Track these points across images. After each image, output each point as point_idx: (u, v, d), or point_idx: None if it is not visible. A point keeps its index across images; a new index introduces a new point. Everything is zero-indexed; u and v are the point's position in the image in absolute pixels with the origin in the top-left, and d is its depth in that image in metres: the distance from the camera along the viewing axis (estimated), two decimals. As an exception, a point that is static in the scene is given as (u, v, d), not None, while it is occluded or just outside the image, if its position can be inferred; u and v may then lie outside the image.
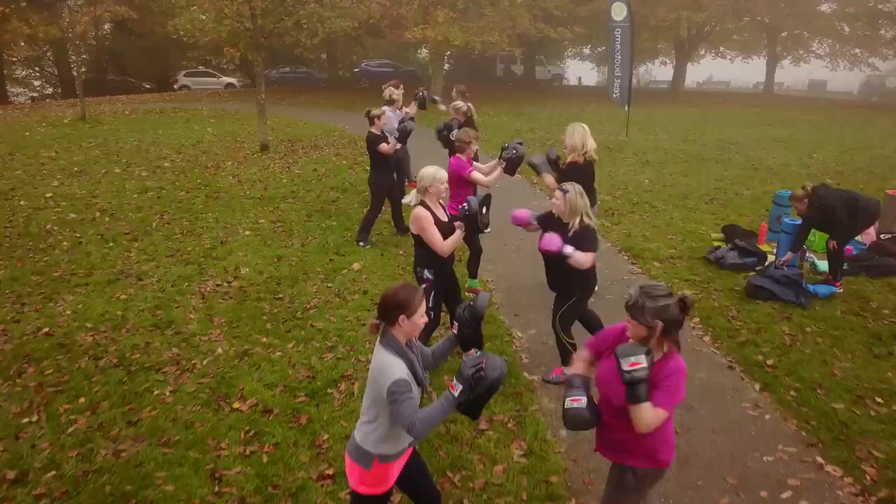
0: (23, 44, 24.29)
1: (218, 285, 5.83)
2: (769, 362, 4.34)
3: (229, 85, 31.49)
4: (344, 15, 13.42)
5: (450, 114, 6.90)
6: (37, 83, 36.04)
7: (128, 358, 4.53)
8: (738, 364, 4.38)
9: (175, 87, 30.38)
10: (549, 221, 3.98)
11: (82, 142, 13.27)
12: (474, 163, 5.27)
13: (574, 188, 3.78)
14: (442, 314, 4.36)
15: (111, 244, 6.95)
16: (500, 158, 4.94)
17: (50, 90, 34.54)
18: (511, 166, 4.89)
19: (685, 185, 9.25)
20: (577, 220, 3.75)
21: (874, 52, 28.45)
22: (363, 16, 16.04)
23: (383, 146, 6.47)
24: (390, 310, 2.23)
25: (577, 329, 4.10)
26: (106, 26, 32.91)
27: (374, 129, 6.57)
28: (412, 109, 8.64)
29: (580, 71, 45.64)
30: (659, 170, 10.28)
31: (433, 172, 3.82)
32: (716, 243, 6.71)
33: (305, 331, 4.89)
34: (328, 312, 5.21)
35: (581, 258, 3.69)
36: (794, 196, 5.44)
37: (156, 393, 4.09)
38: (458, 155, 5.09)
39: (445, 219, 3.95)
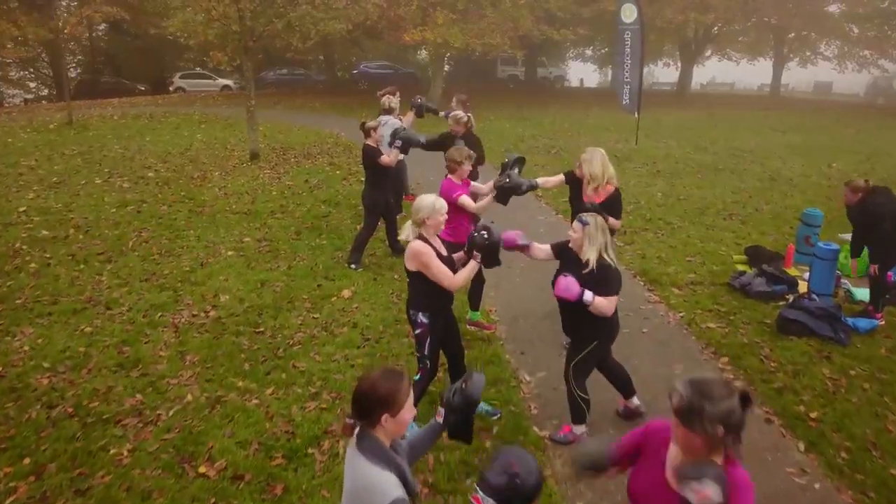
0: (10, 45, 23.80)
1: (194, 315, 5.34)
2: (812, 415, 3.85)
3: (225, 87, 31.04)
4: (338, 17, 12.95)
5: (449, 125, 6.41)
6: (32, 85, 35.85)
7: (85, 406, 4.04)
8: (776, 416, 3.89)
9: (170, 89, 29.96)
10: (563, 253, 3.50)
11: (65, 149, 12.79)
12: (473, 184, 4.78)
13: (595, 221, 3.30)
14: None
15: (82, 266, 6.46)
16: (493, 185, 4.44)
17: (46, 91, 34.36)
18: (503, 195, 4.38)
19: (700, 199, 8.77)
20: (595, 258, 3.27)
21: (884, 54, 28.10)
22: (359, 17, 15.58)
23: (384, 158, 6.00)
24: (370, 407, 1.74)
25: (599, 382, 3.62)
26: (101, 27, 32.67)
27: (370, 142, 6.10)
28: (409, 119, 8.16)
29: (582, 72, 45.33)
30: (671, 181, 9.80)
31: (431, 203, 3.34)
32: (739, 266, 6.22)
33: (287, 373, 4.40)
34: (313, 349, 4.72)
35: (603, 305, 3.21)
36: (851, 185, 4.93)
37: (112, 452, 3.60)
38: (449, 176, 4.61)
39: (445, 253, 3.47)
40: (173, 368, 4.49)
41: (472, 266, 3.32)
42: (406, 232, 3.40)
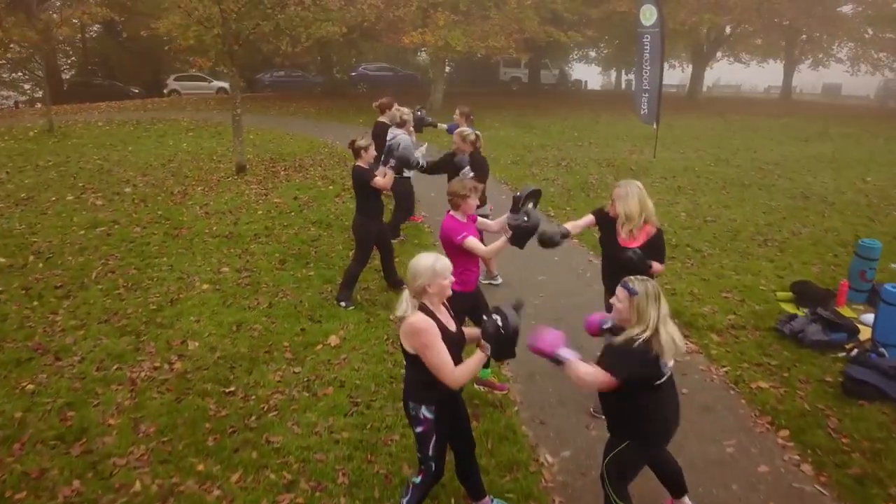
0: (-2, 47, 23.18)
1: (156, 368, 4.65)
2: (908, 518, 3.14)
3: (221, 89, 30.49)
4: (331, 19, 12.29)
5: (453, 142, 5.72)
6: (27, 86, 35.56)
7: (8, 501, 3.34)
8: (861, 519, 3.19)
9: (164, 91, 29.37)
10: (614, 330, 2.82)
11: (41, 160, 12.15)
12: (480, 219, 4.09)
13: (646, 289, 2.61)
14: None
15: (36, 303, 5.77)
16: (507, 227, 3.74)
17: (40, 93, 33.99)
18: (520, 238, 3.68)
19: (729, 220, 8.07)
20: (644, 335, 2.58)
21: (898, 57, 27.53)
22: (355, 20, 14.92)
23: (377, 180, 5.31)
24: None
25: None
26: (95, 28, 32.20)
27: (360, 163, 5.41)
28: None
29: (585, 74, 44.68)
30: (694, 199, 9.10)
31: (430, 265, 2.65)
32: (784, 306, 5.52)
33: (258, 450, 3.70)
34: (291, 417, 4.02)
35: (584, 373, 2.56)
36: None
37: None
38: (451, 213, 3.91)
39: (454, 327, 2.78)
40: (123, 443, 3.79)
41: (479, 359, 2.62)
42: (403, 306, 2.69)
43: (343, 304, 5.59)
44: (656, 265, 3.70)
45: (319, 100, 24.87)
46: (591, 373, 2.60)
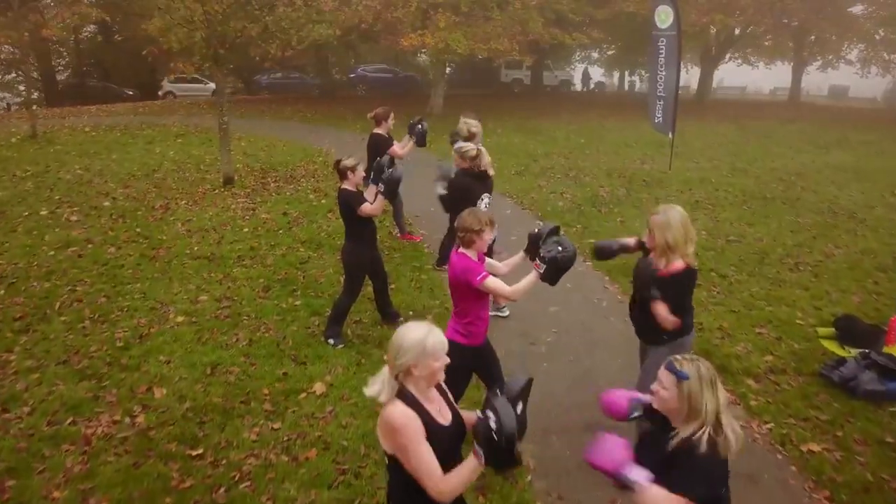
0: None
1: (115, 422, 4.11)
2: None
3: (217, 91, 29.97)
4: (325, 21, 11.76)
5: (454, 160, 5.18)
6: (22, 87, 35.33)
7: None
8: None
9: (159, 93, 28.89)
10: (648, 414, 2.29)
11: (19, 169, 11.62)
12: (488, 261, 3.54)
13: (699, 369, 2.07)
14: None
15: (-11, 339, 5.23)
16: (536, 260, 3.20)
17: (36, 94, 33.85)
18: (555, 271, 3.15)
19: (754, 240, 7.52)
20: (704, 434, 2.04)
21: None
22: (350, 21, 14.41)
23: (365, 207, 4.77)
24: None
25: None
26: (90, 28, 31.83)
27: (347, 185, 4.88)
28: (408, 148, 6.98)
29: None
30: (713, 214, 8.55)
31: (421, 338, 2.10)
32: (826, 343, 4.98)
33: (225, 536, 3.16)
34: (266, 490, 3.48)
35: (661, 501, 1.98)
36: None
37: None
38: (462, 251, 3.36)
39: (448, 418, 2.22)
40: (66, 523, 3.25)
41: (471, 469, 2.05)
42: (376, 388, 2.14)
43: (331, 341, 5.05)
44: (662, 311, 3.17)
45: (316, 103, 24.37)
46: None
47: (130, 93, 30.15)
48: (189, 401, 4.33)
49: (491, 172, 5.37)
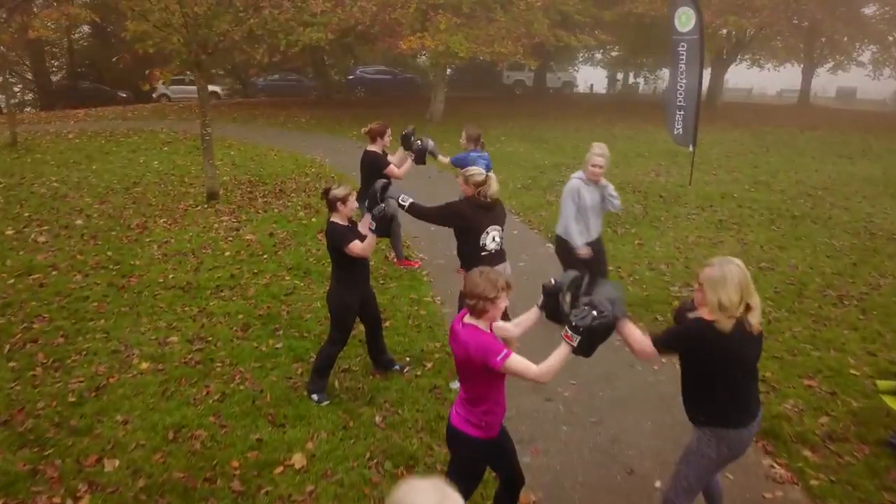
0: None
1: (53, 506, 3.48)
2: None
3: (213, 94, 29.61)
4: (316, 23, 11.15)
5: (460, 185, 4.53)
6: (17, 89, 35.11)
7: None
8: None
9: (154, 95, 28.36)
10: None
11: (-9, 181, 11.04)
12: (499, 325, 2.90)
13: None
14: None
15: (-77, 392, 4.62)
16: (567, 330, 2.56)
17: (31, 96, 33.56)
18: (589, 343, 2.52)
19: (788, 267, 6.89)
20: None
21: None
22: (345, 24, 13.79)
23: (354, 246, 4.14)
24: None
25: None
26: (84, 30, 31.38)
27: (337, 218, 4.26)
28: (405, 166, 6.38)
29: (592, 77, 43.66)
30: (741, 236, 7.92)
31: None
32: (888, 400, 4.33)
33: None
34: None
35: None
36: None
37: None
38: (473, 322, 2.71)
39: None
40: None
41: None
42: None
43: (315, 397, 4.42)
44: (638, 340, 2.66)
45: (312, 107, 23.79)
46: None
47: (124, 95, 29.69)
48: (144, 477, 3.70)
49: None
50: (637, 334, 2.71)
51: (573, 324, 2.46)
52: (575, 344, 2.46)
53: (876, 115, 25.30)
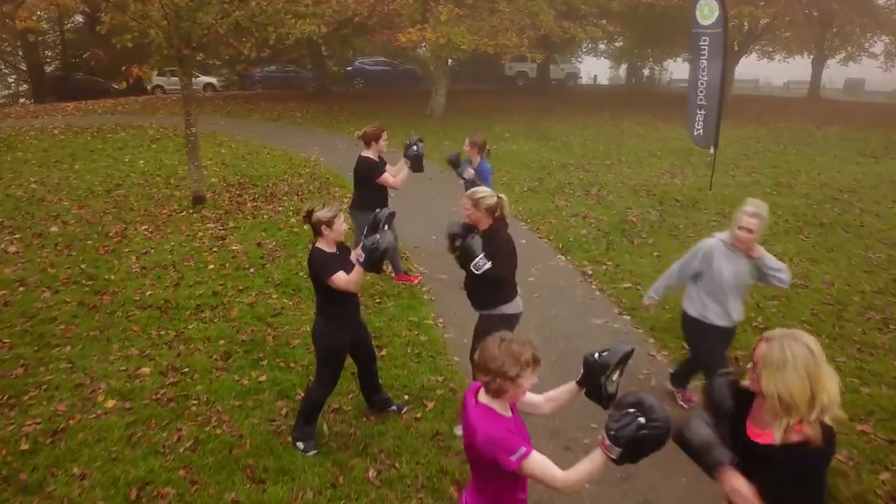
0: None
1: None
2: None
3: (208, 85, 29.10)
4: (308, 15, 10.57)
5: (466, 208, 3.98)
6: (11, 80, 34.72)
7: None
8: None
9: (148, 87, 27.78)
10: None
11: (-35, 183, 10.51)
12: (528, 400, 2.36)
13: None
14: None
15: None
16: (605, 438, 2.00)
17: (25, 87, 33.14)
18: (630, 457, 1.96)
19: (822, 283, 6.35)
20: None
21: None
22: (341, 15, 13.19)
23: (339, 277, 3.61)
24: None
25: None
26: (79, 18, 30.80)
27: (322, 244, 3.74)
28: (402, 175, 5.87)
29: (595, 68, 43.04)
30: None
31: None
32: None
33: None
34: None
35: None
36: None
37: None
38: (485, 401, 2.16)
39: None
40: None
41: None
42: None
43: (301, 445, 3.91)
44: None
45: (309, 101, 23.20)
46: None
47: (117, 87, 29.13)
48: (97, 552, 3.20)
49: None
50: (747, 490, 2.04)
51: (612, 433, 1.92)
52: (614, 456, 1.92)
53: (892, 109, 24.64)
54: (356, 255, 3.63)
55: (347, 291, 3.68)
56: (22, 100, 32.14)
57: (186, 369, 4.86)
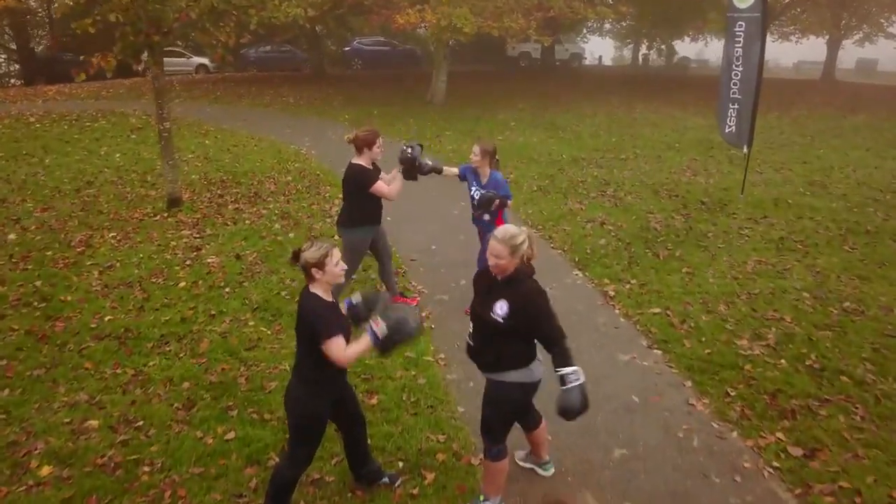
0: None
1: None
2: None
3: (201, 66, 28.21)
4: (292, -1, 9.71)
5: (497, 255, 3.19)
6: (1, 59, 33.87)
7: None
8: None
9: (139, 68, 26.83)
10: None
11: (-76, 179, 9.76)
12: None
13: None
14: None
15: None
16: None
17: (15, 67, 32.32)
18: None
19: (879, 308, 5.59)
20: None
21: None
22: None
23: (336, 345, 2.90)
24: None
25: None
26: None
27: (317, 289, 3.03)
28: (397, 184, 5.12)
29: (600, 49, 41.87)
30: (809, 261, 6.59)
31: None
32: None
33: None
34: None
35: None
36: None
37: None
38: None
39: None
40: None
41: None
42: None
43: (271, 534, 3.21)
44: None
45: (302, 85, 22.28)
46: None
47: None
48: None
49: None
50: None
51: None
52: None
53: (889, 89, 23.73)
54: (368, 324, 2.96)
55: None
56: (12, 80, 31.34)
57: (141, 423, 4.15)
